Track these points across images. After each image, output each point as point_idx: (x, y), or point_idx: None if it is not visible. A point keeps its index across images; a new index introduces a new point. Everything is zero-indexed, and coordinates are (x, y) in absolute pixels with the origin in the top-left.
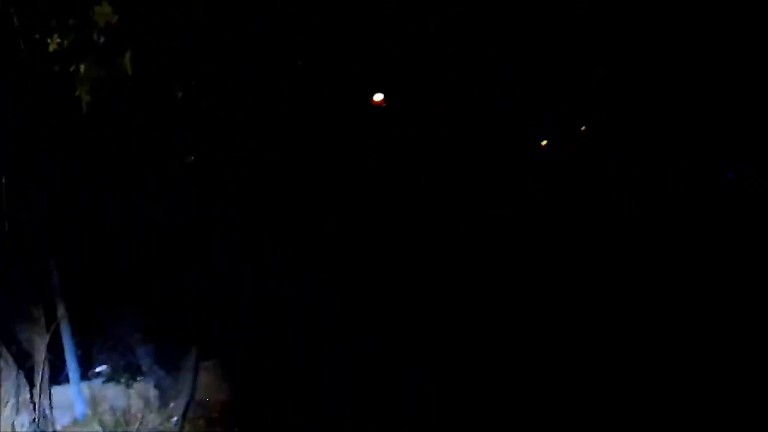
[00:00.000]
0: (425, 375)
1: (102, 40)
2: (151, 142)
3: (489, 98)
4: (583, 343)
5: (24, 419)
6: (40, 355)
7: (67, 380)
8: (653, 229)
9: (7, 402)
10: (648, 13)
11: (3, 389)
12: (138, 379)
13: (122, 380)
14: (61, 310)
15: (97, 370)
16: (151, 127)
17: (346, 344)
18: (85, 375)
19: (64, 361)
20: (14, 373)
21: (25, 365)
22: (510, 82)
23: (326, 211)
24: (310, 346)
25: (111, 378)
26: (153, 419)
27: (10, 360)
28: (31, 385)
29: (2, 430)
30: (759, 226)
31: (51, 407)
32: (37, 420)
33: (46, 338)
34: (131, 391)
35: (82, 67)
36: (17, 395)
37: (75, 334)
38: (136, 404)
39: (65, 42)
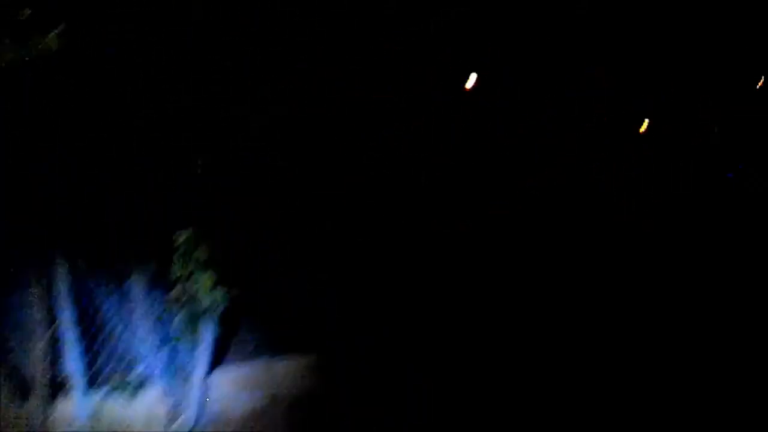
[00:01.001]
0: (425, 375)
1: (28, 13)
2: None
3: (489, 98)
4: (583, 343)
5: None
6: (38, 363)
7: (68, 392)
8: (653, 229)
9: None
10: (648, 13)
11: None
12: (145, 389)
13: (128, 391)
14: (65, 313)
15: (105, 379)
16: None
17: (346, 344)
18: (89, 385)
19: (65, 370)
20: (6, 384)
21: (19, 374)
22: (510, 82)
23: (326, 210)
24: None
25: (116, 388)
26: None
27: (2, 368)
28: (25, 398)
29: None
30: (759, 226)
31: (48, 422)
32: None
33: (46, 344)
34: (137, 403)
35: None
36: (8, 408)
37: (80, 339)
38: (142, 418)
39: None
